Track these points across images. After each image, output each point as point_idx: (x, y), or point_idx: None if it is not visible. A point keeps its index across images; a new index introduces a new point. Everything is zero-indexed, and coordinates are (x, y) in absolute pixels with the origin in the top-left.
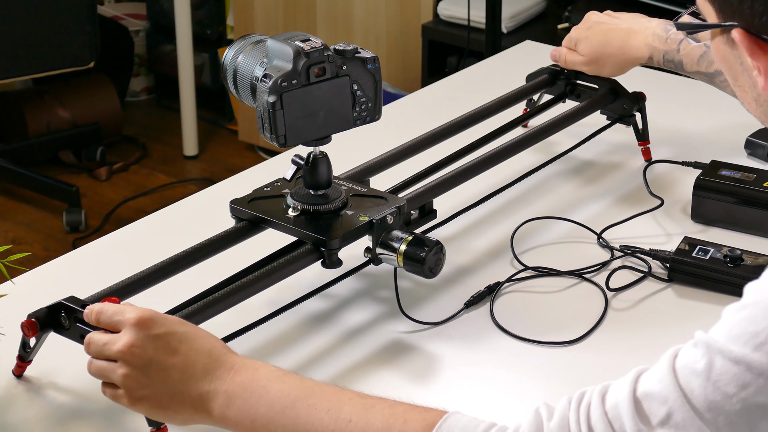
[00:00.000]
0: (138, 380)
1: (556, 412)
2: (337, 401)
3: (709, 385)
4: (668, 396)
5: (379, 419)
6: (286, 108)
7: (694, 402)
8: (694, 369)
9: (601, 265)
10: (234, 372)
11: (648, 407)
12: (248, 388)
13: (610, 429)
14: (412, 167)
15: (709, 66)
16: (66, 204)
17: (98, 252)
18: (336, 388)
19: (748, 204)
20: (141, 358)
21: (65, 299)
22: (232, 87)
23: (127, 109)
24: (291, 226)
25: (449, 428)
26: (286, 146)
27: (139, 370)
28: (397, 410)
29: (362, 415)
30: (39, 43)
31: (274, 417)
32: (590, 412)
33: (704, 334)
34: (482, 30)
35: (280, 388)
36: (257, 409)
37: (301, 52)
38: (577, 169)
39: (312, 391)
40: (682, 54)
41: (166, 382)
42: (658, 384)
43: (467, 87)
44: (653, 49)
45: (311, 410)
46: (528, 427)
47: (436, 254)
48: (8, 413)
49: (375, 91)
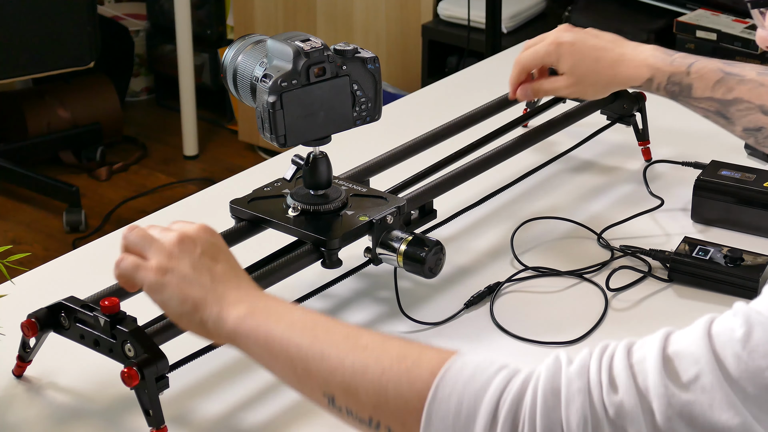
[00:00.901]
0: (173, 258)
1: (576, 359)
2: (356, 330)
3: (744, 353)
4: (700, 358)
5: (396, 349)
6: (285, 108)
7: (726, 368)
8: (731, 336)
9: (601, 265)
10: (263, 295)
11: (678, 365)
12: (272, 309)
13: (633, 382)
14: (412, 167)
15: (727, 92)
16: (66, 204)
17: (98, 252)
18: (357, 326)
19: (748, 204)
20: (187, 249)
21: (65, 299)
22: (232, 87)
23: (127, 109)
24: (291, 226)
25: (464, 364)
26: (285, 146)
27: (180, 255)
28: (413, 345)
29: (379, 344)
30: (39, 43)
31: (291, 336)
32: (614, 362)
33: (745, 305)
34: (482, 30)
35: (303, 313)
36: (276, 325)
37: (301, 52)
38: (577, 169)
39: (334, 322)
40: (693, 77)
41: (197, 275)
42: (692, 345)
43: (467, 87)
44: (655, 70)
45: (329, 334)
46: (546, 371)
47: (436, 254)
48: (8, 413)
49: (375, 91)
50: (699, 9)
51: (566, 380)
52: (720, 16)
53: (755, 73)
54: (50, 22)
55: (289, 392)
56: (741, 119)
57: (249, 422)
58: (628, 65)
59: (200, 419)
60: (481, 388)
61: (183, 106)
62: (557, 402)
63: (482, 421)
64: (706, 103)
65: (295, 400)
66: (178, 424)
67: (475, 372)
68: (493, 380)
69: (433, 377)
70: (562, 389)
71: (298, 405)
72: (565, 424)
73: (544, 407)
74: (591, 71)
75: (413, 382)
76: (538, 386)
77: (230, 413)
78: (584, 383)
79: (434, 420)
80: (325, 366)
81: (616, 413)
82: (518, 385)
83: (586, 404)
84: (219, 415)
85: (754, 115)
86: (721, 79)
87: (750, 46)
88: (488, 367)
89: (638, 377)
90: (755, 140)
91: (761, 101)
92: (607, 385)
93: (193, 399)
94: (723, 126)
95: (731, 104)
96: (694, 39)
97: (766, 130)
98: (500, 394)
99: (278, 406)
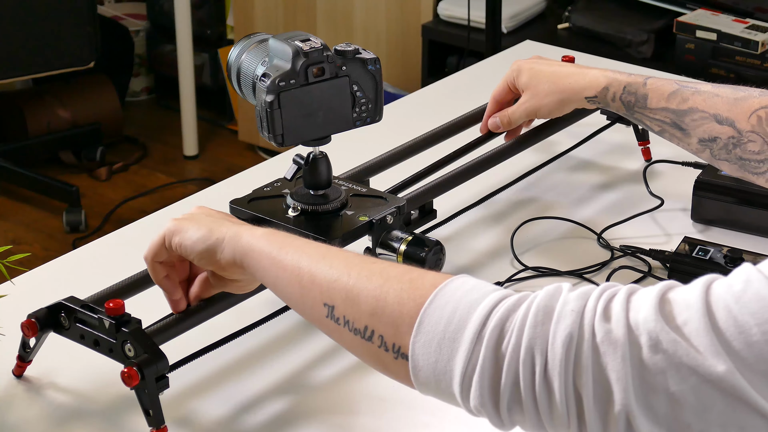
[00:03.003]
0: (190, 213)
1: (580, 288)
2: (367, 257)
3: (735, 307)
4: (693, 305)
5: (402, 267)
6: (283, 108)
7: (715, 318)
8: (728, 291)
9: (601, 265)
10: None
11: (672, 309)
12: (288, 235)
13: (625, 314)
14: (412, 167)
15: (682, 103)
16: (66, 204)
17: (98, 252)
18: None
19: (748, 204)
20: (203, 209)
21: (65, 299)
22: (236, 86)
23: (127, 109)
24: (291, 227)
25: (466, 280)
26: (284, 145)
27: (198, 210)
28: (417, 269)
29: (386, 264)
30: (39, 43)
31: (304, 249)
32: (613, 298)
33: (751, 265)
34: (482, 30)
35: (318, 244)
36: (292, 241)
37: (300, 52)
38: (577, 169)
39: (346, 251)
40: (648, 88)
41: (214, 217)
42: (689, 293)
43: (467, 87)
44: (612, 80)
45: (342, 253)
46: (545, 292)
47: (436, 254)
48: (8, 413)
49: (375, 93)
50: (699, 9)
51: (563, 301)
52: (720, 16)
53: (710, 86)
54: (50, 22)
55: (289, 393)
56: (696, 129)
57: (249, 422)
58: (585, 75)
59: (200, 419)
60: (477, 299)
61: (183, 106)
62: (548, 318)
63: (471, 328)
64: (662, 114)
65: (295, 401)
66: (178, 424)
67: (475, 286)
68: (491, 294)
69: (434, 288)
70: (557, 308)
71: (298, 405)
72: (551, 339)
73: (534, 321)
74: (547, 81)
75: (414, 290)
76: (533, 303)
77: (230, 413)
78: (580, 306)
79: (425, 324)
80: (332, 274)
81: (601, 339)
82: (514, 300)
83: (576, 324)
84: (219, 415)
85: (709, 124)
86: (676, 91)
87: (750, 46)
88: (489, 285)
89: (631, 312)
90: (710, 153)
91: (715, 110)
92: (601, 314)
93: (193, 399)
94: (679, 140)
95: (686, 114)
96: (694, 39)
97: (720, 140)
98: (494, 305)
99: (278, 407)
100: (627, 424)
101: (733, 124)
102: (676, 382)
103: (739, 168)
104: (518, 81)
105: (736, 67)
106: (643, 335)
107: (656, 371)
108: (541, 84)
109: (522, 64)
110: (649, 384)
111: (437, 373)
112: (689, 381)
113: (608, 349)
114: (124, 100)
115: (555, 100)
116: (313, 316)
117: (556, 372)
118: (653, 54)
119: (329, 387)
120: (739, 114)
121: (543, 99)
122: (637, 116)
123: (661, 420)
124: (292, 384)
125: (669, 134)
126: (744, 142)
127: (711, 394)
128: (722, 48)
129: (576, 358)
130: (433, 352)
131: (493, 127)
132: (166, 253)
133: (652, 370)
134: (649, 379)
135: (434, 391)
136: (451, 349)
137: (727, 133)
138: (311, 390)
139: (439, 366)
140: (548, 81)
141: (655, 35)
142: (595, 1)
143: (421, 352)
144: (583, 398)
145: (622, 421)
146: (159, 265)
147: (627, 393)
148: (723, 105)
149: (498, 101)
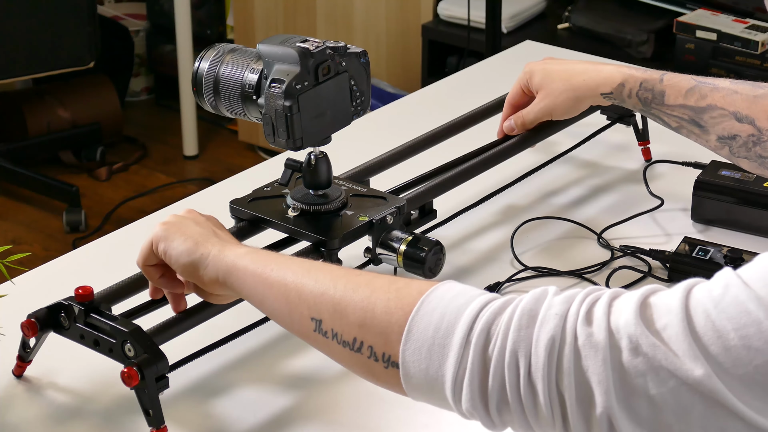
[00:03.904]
0: (178, 217)
1: (565, 292)
2: (352, 270)
3: (714, 312)
4: (672, 309)
5: (387, 278)
6: (302, 110)
7: (693, 322)
8: (707, 296)
9: (601, 265)
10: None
11: (652, 313)
12: (271, 253)
13: (606, 318)
14: (412, 167)
15: (700, 100)
16: (66, 204)
17: (98, 252)
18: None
19: (748, 204)
20: (192, 215)
21: (65, 299)
22: (211, 98)
23: (127, 109)
24: (291, 227)
25: (451, 286)
26: (302, 149)
27: (186, 216)
28: (402, 278)
29: (372, 275)
30: (39, 43)
31: (288, 266)
32: (596, 302)
33: (731, 270)
34: (482, 30)
35: (302, 259)
36: (275, 258)
37: (307, 53)
38: (577, 169)
39: (330, 264)
40: (665, 84)
41: (202, 227)
42: (669, 298)
43: (467, 87)
44: (627, 76)
45: (326, 267)
46: (530, 296)
47: (436, 254)
48: (8, 413)
49: (366, 84)
50: (699, 9)
51: (547, 305)
52: (720, 16)
53: (728, 82)
54: (50, 22)
55: (289, 393)
56: (715, 126)
57: (249, 422)
58: (599, 72)
59: (200, 419)
60: (463, 304)
61: (183, 106)
62: (532, 322)
63: (459, 332)
64: (680, 111)
65: (295, 401)
66: (178, 424)
67: (461, 291)
68: (477, 298)
69: (421, 296)
70: (541, 312)
71: (298, 405)
72: (535, 342)
73: (518, 324)
74: (560, 79)
75: (401, 299)
76: (518, 306)
77: (230, 413)
78: (563, 310)
79: (414, 332)
80: (318, 288)
81: (583, 343)
82: (500, 303)
83: (558, 328)
84: (219, 415)
85: (728, 122)
86: (693, 87)
87: (750, 46)
88: (475, 289)
89: (612, 316)
90: (729, 150)
91: (735, 108)
92: (583, 318)
93: (193, 399)
94: (697, 137)
95: (704, 111)
96: (694, 39)
97: (740, 138)
98: (480, 308)
99: (278, 407)
100: (609, 425)
101: (753, 122)
102: (656, 385)
103: (759, 166)
104: (531, 82)
105: (736, 67)
106: (623, 339)
107: (636, 374)
108: (555, 83)
109: (534, 66)
110: (630, 387)
111: (429, 379)
112: (668, 384)
113: (589, 353)
114: (124, 100)
115: (569, 97)
116: (301, 331)
117: (540, 375)
118: (653, 54)
119: (329, 387)
120: (759, 112)
121: (557, 98)
122: (654, 113)
123: (643, 422)
124: (292, 384)
125: (687, 131)
126: (764, 140)
127: (690, 397)
128: (722, 48)
129: (558, 362)
130: (424, 359)
131: (507, 130)
132: (155, 257)
133: (632, 373)
134: (630, 381)
135: (426, 397)
136: (441, 354)
137: (747, 131)
138: (311, 390)
139: (430, 372)
140: (561, 79)
141: (655, 35)
142: (595, 1)
143: (411, 359)
144: (566, 401)
145: (604, 423)
146: (152, 269)
147: (608, 395)
148: (742, 102)
149: (513, 105)
